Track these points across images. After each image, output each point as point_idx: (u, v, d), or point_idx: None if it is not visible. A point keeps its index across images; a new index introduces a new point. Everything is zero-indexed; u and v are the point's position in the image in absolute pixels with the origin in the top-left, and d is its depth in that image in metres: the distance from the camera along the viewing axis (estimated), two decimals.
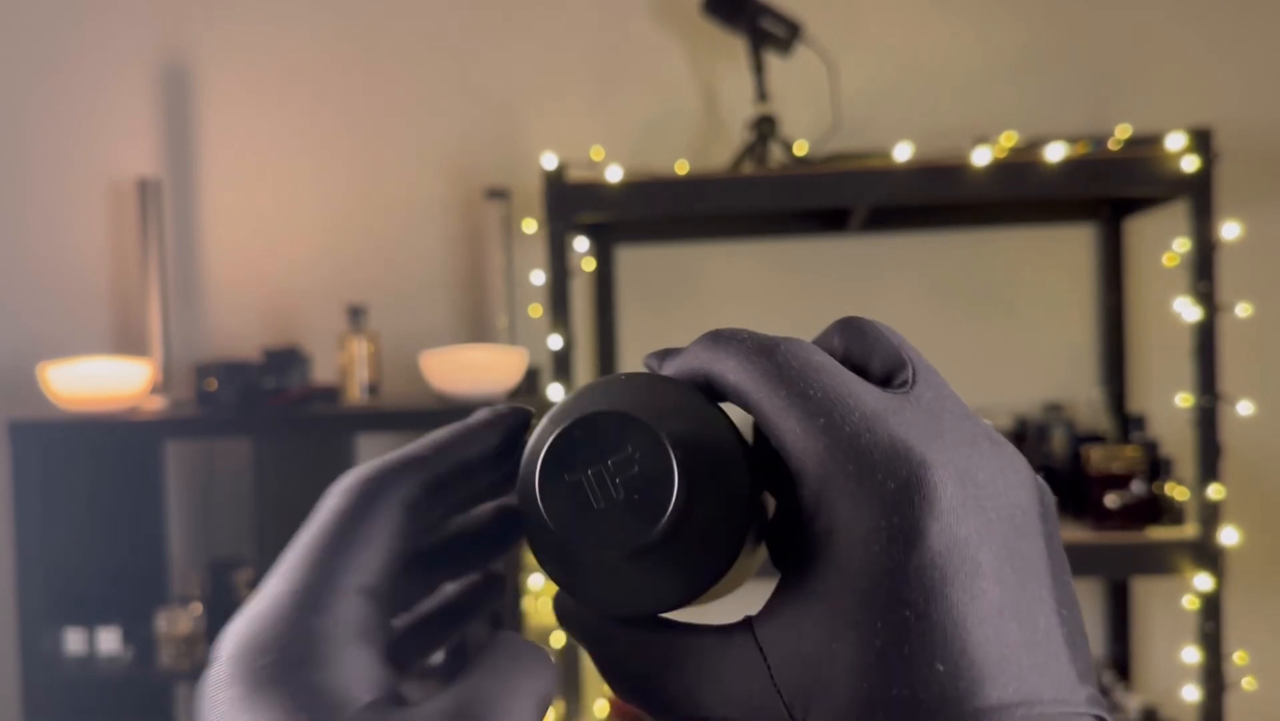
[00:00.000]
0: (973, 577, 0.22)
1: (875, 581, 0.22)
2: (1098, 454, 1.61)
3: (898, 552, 0.22)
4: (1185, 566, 1.51)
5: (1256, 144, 1.87)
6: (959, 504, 0.22)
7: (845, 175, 1.60)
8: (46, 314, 2.11)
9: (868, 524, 0.22)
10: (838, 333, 0.27)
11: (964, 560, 0.22)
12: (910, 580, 0.22)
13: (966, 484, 0.23)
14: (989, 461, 0.23)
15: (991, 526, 0.23)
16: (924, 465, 0.22)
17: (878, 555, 0.22)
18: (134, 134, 2.10)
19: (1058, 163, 1.53)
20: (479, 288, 2.04)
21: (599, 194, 1.63)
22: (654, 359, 0.28)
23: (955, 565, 0.22)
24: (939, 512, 0.22)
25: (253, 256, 2.09)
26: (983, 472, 0.23)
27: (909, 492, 0.22)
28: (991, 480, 0.23)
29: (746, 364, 0.25)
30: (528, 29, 2.03)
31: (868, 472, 0.22)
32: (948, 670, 0.21)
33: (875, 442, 0.23)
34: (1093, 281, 1.94)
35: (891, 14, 1.96)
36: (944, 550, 0.22)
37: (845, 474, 0.23)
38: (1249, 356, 1.79)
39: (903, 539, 0.22)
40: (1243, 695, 1.63)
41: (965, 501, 0.22)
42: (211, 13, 2.09)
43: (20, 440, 1.72)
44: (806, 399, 0.24)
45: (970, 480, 0.23)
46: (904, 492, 0.22)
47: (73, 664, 1.76)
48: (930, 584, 0.21)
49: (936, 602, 0.21)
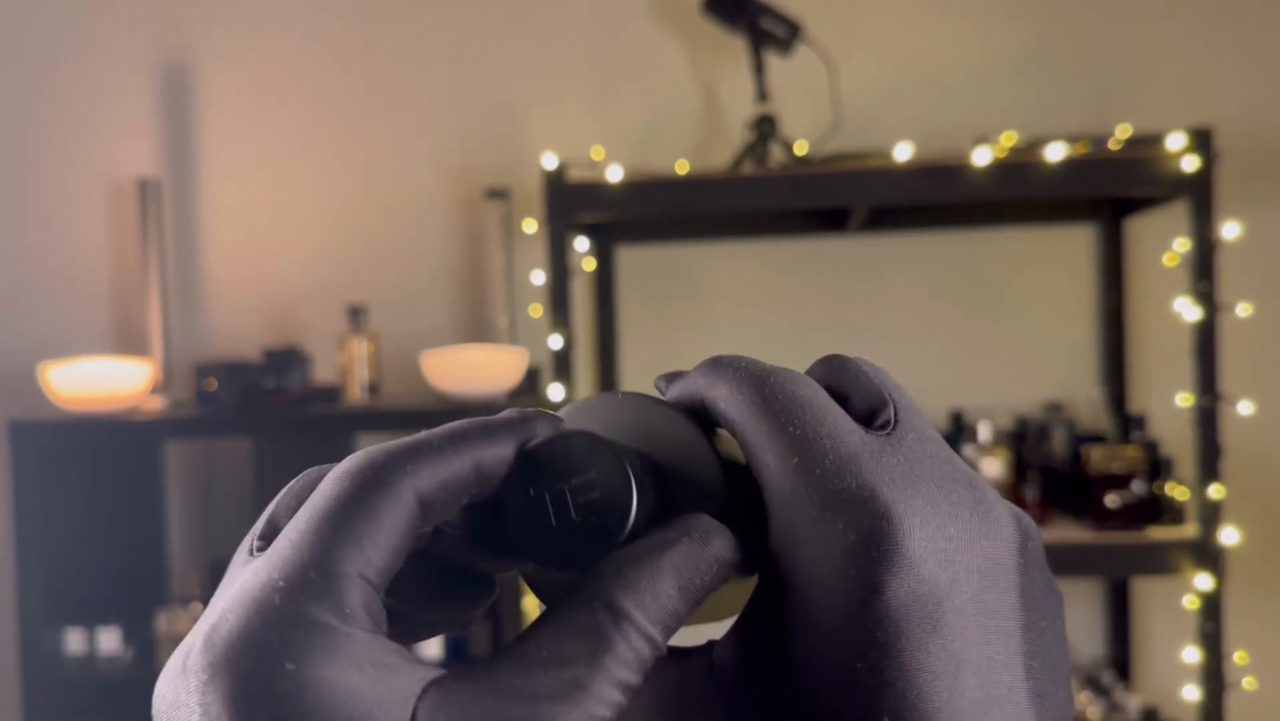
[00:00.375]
0: (931, 633, 0.22)
1: (829, 630, 0.22)
2: (1098, 454, 1.61)
3: (854, 605, 0.22)
4: (1185, 566, 1.51)
5: (1257, 144, 1.87)
6: (922, 558, 0.22)
7: (845, 175, 1.60)
8: (46, 314, 2.11)
9: (826, 571, 0.22)
10: (821, 369, 0.26)
11: (923, 616, 0.22)
12: (864, 633, 0.21)
13: (935, 536, 0.22)
14: (964, 510, 0.23)
15: (957, 580, 0.22)
16: (888, 517, 0.22)
17: (833, 604, 0.22)
18: (134, 134, 2.10)
19: (1058, 163, 1.53)
20: (479, 288, 2.04)
21: (599, 194, 1.63)
22: (663, 381, 0.27)
23: (913, 621, 0.21)
24: (899, 567, 0.22)
25: (253, 256, 2.09)
26: (955, 524, 0.23)
27: (870, 545, 0.22)
28: (964, 530, 0.23)
29: (736, 393, 0.25)
30: (527, 29, 2.03)
31: (831, 519, 0.22)
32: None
33: (844, 489, 0.22)
34: (1093, 281, 1.94)
35: (892, 14, 1.96)
36: (901, 605, 0.21)
37: (809, 519, 0.23)
38: (1249, 356, 1.79)
39: (860, 591, 0.22)
40: (1243, 695, 1.63)
41: (930, 555, 0.22)
42: (211, 13, 2.09)
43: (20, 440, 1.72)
44: (786, 435, 0.23)
45: (940, 533, 0.22)
46: (865, 544, 0.22)
47: (73, 664, 1.76)
48: (884, 638, 0.21)
49: (889, 657, 0.21)
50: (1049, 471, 1.71)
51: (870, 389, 0.25)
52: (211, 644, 0.20)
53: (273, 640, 0.20)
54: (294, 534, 0.22)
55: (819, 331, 1.99)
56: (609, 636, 0.21)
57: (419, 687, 0.20)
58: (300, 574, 0.21)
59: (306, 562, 0.21)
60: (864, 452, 0.23)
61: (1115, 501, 1.59)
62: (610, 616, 0.22)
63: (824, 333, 1.99)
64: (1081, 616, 1.94)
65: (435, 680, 0.21)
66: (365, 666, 0.20)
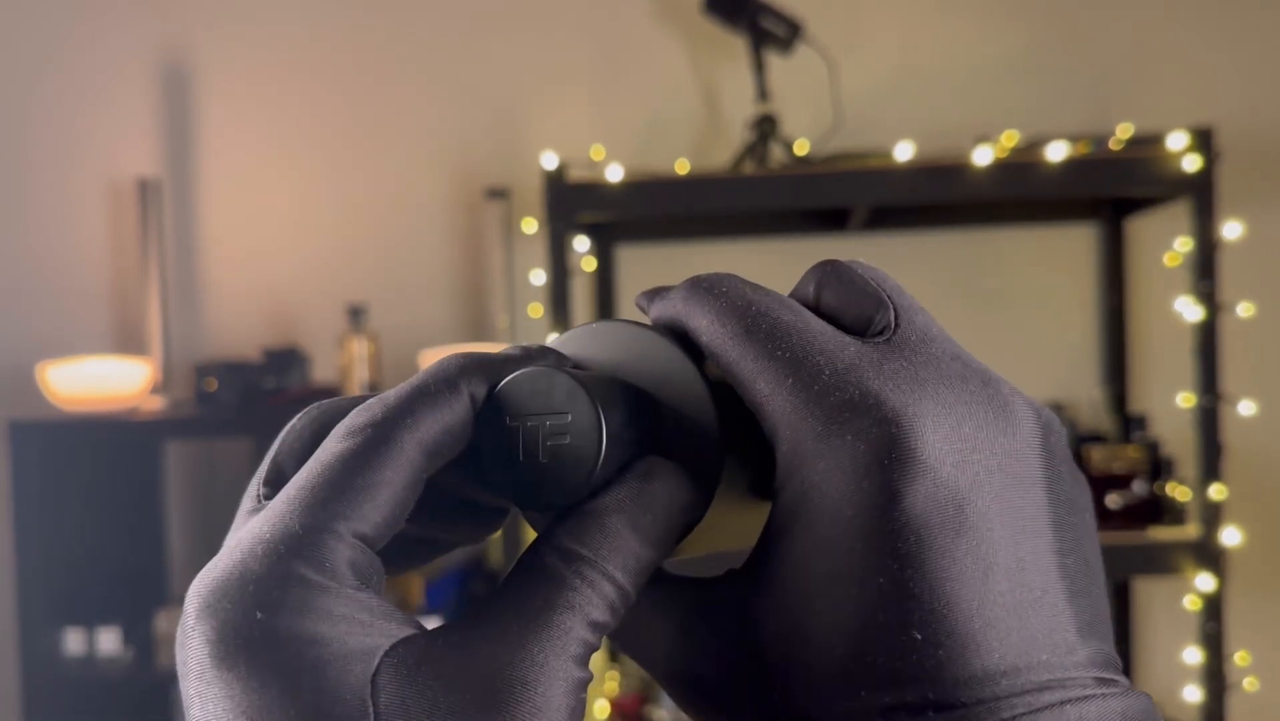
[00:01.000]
0: (955, 539, 0.20)
1: (847, 549, 0.21)
2: (1099, 454, 1.61)
3: (871, 518, 0.21)
4: (1187, 567, 1.51)
5: (1258, 143, 1.87)
6: (938, 460, 0.21)
7: (846, 175, 1.60)
8: (46, 314, 2.11)
9: (839, 488, 0.21)
10: (814, 280, 0.25)
11: (944, 521, 0.21)
12: (884, 546, 0.20)
13: (950, 437, 0.21)
14: (978, 408, 0.22)
15: (978, 481, 0.21)
16: (898, 422, 0.21)
17: (850, 521, 0.21)
18: (134, 134, 2.10)
19: (1059, 162, 1.53)
20: (479, 287, 2.04)
21: (599, 194, 1.62)
22: (644, 299, 0.27)
23: (934, 527, 0.20)
24: (915, 473, 0.21)
25: (252, 256, 2.09)
26: (969, 423, 0.22)
27: (881, 453, 0.21)
28: (980, 429, 0.22)
29: (717, 324, 0.24)
30: (528, 29, 2.02)
31: (837, 432, 0.21)
32: (926, 638, 0.20)
33: (845, 401, 0.22)
34: (1094, 281, 1.94)
35: (892, 13, 1.96)
36: (921, 512, 0.20)
37: (814, 435, 0.22)
38: (1250, 356, 1.79)
39: (876, 502, 0.21)
40: (1244, 695, 1.62)
41: (946, 456, 0.21)
42: (211, 13, 2.09)
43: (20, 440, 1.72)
44: (774, 359, 0.23)
45: (955, 433, 0.21)
46: (876, 453, 0.21)
47: (73, 664, 1.76)
48: (906, 549, 0.20)
49: (913, 568, 0.20)
50: None
51: (866, 293, 0.24)
52: (199, 590, 0.21)
53: (249, 590, 0.20)
54: (293, 490, 0.22)
55: None
56: (563, 577, 0.21)
57: (387, 644, 0.20)
58: (288, 529, 0.21)
59: (297, 519, 0.21)
60: (863, 362, 0.22)
61: (1116, 501, 1.58)
62: (561, 558, 0.21)
63: None
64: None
65: (405, 638, 0.21)
66: (336, 620, 0.20)
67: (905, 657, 0.20)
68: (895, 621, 0.20)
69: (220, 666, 0.20)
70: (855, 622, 0.21)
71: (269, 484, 0.24)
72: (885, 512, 0.21)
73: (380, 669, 0.20)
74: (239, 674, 0.20)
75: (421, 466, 0.22)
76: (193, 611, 0.21)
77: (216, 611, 0.20)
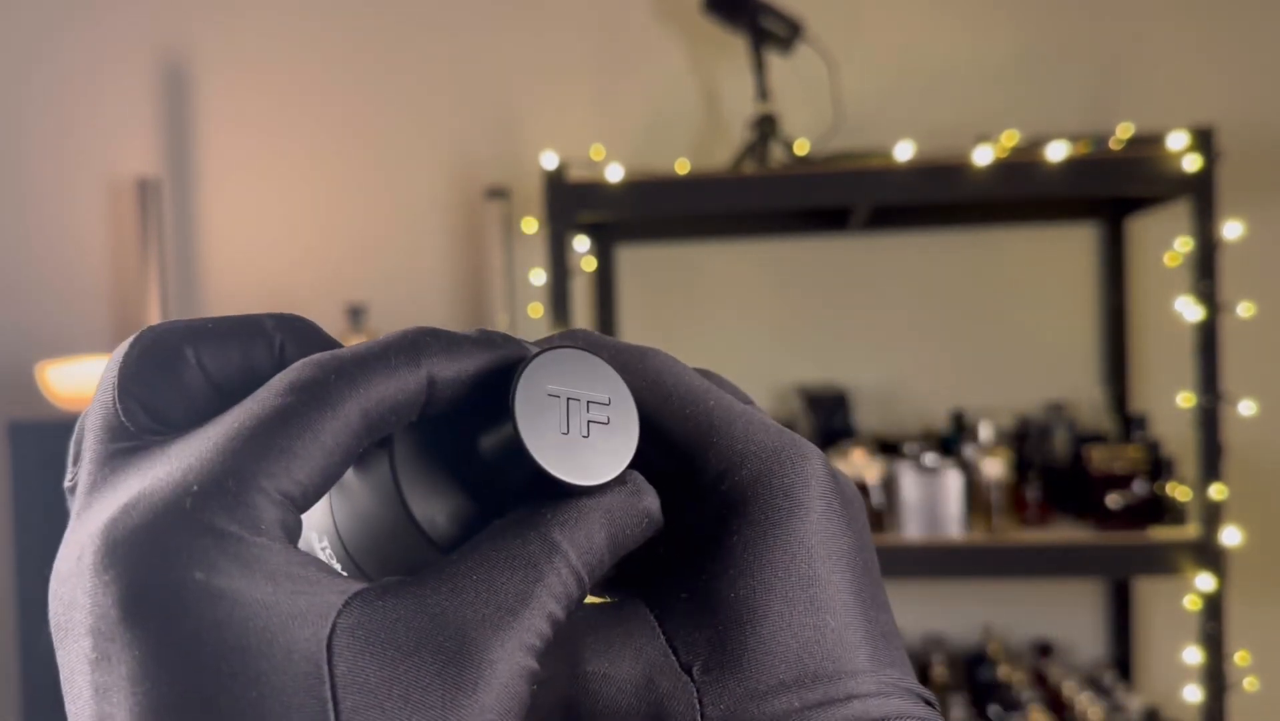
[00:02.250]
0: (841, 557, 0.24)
1: (768, 554, 0.23)
2: (1099, 454, 1.61)
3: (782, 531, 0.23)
4: (1187, 566, 1.51)
5: (1258, 143, 1.87)
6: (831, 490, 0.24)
7: (846, 175, 1.60)
8: (46, 313, 2.11)
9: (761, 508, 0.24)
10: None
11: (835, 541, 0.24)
12: (793, 555, 0.23)
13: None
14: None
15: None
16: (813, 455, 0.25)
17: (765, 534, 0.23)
18: (134, 134, 2.10)
19: (1059, 162, 1.52)
20: (479, 287, 2.04)
21: (599, 194, 1.62)
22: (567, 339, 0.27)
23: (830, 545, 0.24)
24: (819, 494, 0.24)
25: (253, 256, 2.09)
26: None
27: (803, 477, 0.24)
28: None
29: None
30: (528, 29, 2.02)
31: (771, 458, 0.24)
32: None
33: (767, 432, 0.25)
34: (1094, 281, 1.94)
35: (892, 13, 1.96)
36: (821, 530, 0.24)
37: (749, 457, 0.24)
38: (1251, 356, 1.79)
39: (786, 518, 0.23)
40: (1244, 695, 1.62)
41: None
42: (211, 13, 2.09)
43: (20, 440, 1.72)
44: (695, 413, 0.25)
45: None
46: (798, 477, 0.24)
47: None
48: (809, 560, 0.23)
49: (823, 581, 0.23)
50: (1050, 471, 1.71)
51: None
52: (112, 541, 0.18)
53: (180, 544, 0.18)
54: (220, 439, 0.20)
55: (819, 331, 1.99)
56: (542, 568, 0.21)
57: (340, 601, 0.19)
58: (216, 482, 0.19)
59: (226, 471, 0.19)
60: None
61: (1117, 501, 1.58)
62: (544, 549, 0.21)
63: (825, 332, 1.99)
64: (1083, 616, 1.94)
65: (358, 592, 0.19)
66: (280, 579, 0.19)
67: (834, 662, 0.22)
68: (823, 624, 0.23)
69: (135, 626, 0.18)
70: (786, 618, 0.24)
71: (131, 418, 0.21)
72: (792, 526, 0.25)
73: (335, 631, 0.18)
74: (163, 639, 0.18)
75: (362, 438, 0.21)
76: (103, 564, 0.18)
77: (140, 567, 0.18)
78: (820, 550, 0.23)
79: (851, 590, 0.23)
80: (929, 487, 1.59)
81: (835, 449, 1.68)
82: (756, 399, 1.47)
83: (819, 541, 0.23)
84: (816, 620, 0.22)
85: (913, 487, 1.59)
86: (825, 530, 0.23)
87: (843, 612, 0.23)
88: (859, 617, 0.23)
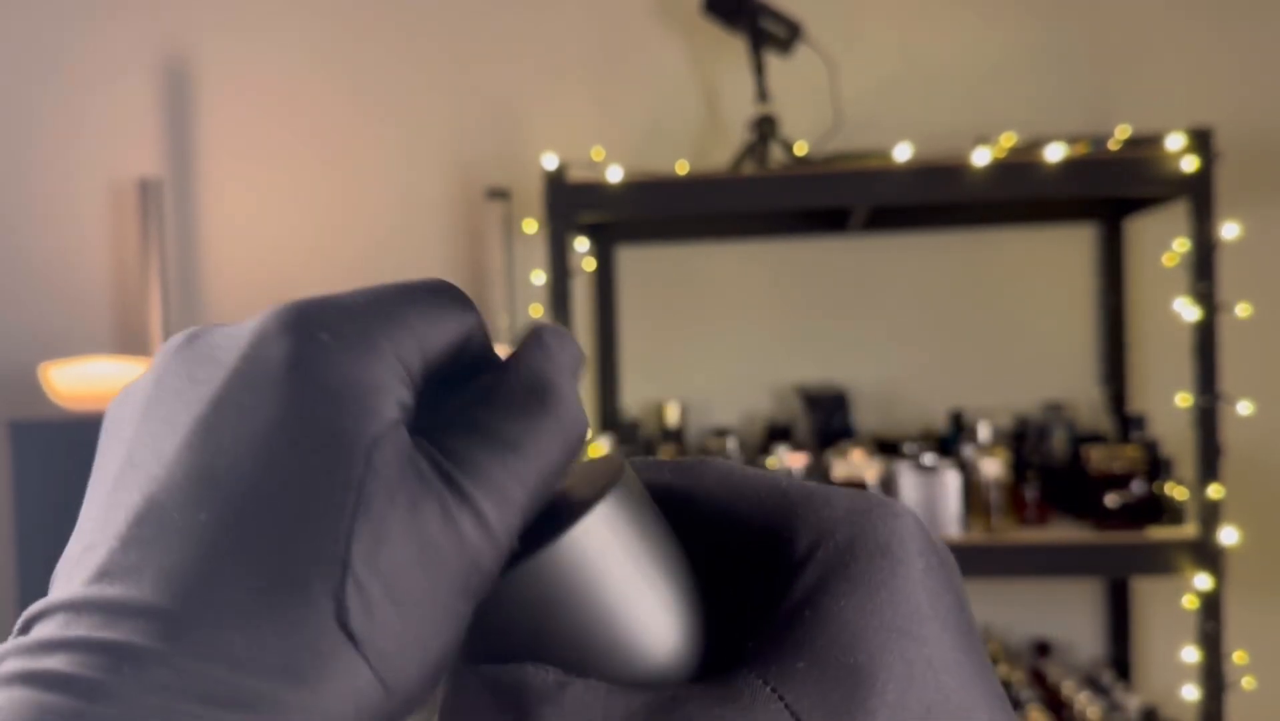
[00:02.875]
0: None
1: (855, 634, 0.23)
2: (1098, 453, 1.61)
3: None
4: (1185, 566, 1.51)
5: (1256, 144, 1.87)
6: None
7: (845, 175, 1.60)
8: (48, 314, 2.11)
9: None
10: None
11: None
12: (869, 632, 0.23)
13: None
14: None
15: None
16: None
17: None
18: (134, 134, 2.10)
19: (1058, 163, 1.53)
20: (479, 288, 2.05)
21: (599, 194, 1.63)
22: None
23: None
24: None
25: (253, 256, 2.09)
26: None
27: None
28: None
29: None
30: (527, 29, 2.03)
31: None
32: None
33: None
34: (1093, 281, 1.95)
35: (892, 14, 1.96)
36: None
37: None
38: (1249, 356, 1.79)
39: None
40: (1242, 694, 1.63)
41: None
42: (212, 13, 2.09)
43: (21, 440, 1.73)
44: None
45: None
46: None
47: None
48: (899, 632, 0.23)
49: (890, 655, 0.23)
50: (1049, 471, 1.71)
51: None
52: (293, 308, 0.24)
53: (357, 305, 0.24)
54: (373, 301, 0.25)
55: (819, 331, 1.99)
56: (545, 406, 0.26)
57: (398, 417, 0.23)
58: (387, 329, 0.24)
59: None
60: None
61: (1115, 501, 1.59)
62: (540, 397, 0.26)
63: (824, 333, 1.99)
64: (1081, 616, 1.94)
65: (402, 422, 0.23)
66: (391, 398, 0.23)
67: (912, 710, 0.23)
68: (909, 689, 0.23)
69: (291, 379, 0.22)
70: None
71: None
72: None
73: (384, 440, 0.22)
74: (305, 391, 0.22)
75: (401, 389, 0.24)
76: (281, 323, 0.23)
77: (310, 332, 0.23)
78: (928, 610, 0.23)
79: (962, 648, 0.23)
80: (928, 487, 1.60)
81: (834, 449, 1.69)
82: (756, 399, 1.49)
83: (926, 600, 0.23)
84: (936, 681, 0.22)
85: (911, 487, 1.60)
86: (928, 588, 0.23)
87: (957, 671, 0.23)
88: (974, 677, 0.23)
